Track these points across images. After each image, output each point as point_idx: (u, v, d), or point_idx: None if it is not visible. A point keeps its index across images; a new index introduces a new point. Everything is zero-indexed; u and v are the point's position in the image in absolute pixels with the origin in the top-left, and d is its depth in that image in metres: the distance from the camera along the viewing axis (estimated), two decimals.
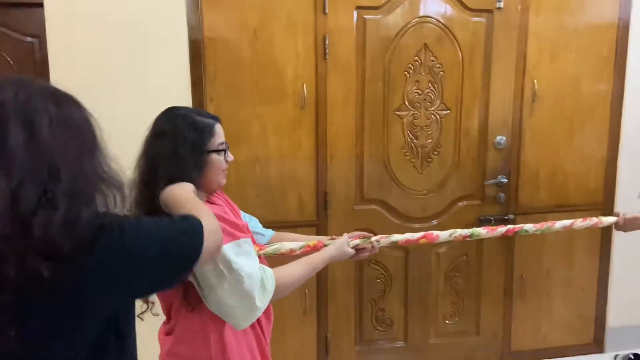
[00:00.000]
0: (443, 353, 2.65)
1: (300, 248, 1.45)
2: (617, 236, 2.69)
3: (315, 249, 1.46)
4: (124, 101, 2.08)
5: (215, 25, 2.21)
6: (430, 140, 2.47)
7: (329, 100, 2.34)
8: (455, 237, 1.66)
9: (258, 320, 1.30)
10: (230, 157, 1.31)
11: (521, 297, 2.68)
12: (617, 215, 1.82)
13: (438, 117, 2.46)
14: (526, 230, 1.73)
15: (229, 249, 1.16)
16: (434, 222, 2.52)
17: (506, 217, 2.57)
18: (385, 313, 2.58)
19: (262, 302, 1.19)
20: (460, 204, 2.56)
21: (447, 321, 2.65)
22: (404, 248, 2.53)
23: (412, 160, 2.48)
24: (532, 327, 2.73)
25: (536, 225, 1.75)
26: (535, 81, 2.49)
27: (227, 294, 1.15)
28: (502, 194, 2.56)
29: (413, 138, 2.46)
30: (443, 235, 1.65)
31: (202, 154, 1.23)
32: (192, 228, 0.98)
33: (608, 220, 1.82)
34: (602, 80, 2.57)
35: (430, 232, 1.65)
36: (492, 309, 2.67)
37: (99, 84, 2.06)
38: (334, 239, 1.51)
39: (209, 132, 1.24)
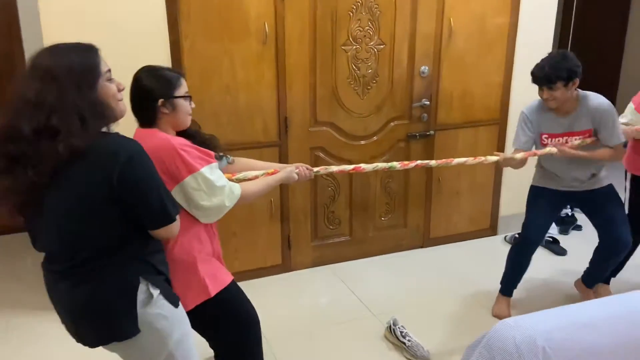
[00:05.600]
0: (379, 243, 3.32)
1: (262, 174, 1.94)
2: (508, 150, 3.44)
3: (272, 175, 1.94)
4: (108, 41, 2.29)
5: None
6: (369, 71, 2.96)
7: (286, 37, 2.71)
8: (377, 169, 2.27)
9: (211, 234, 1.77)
10: (192, 104, 1.74)
11: (438, 196, 3.39)
12: (498, 155, 2.42)
13: (376, 50, 2.94)
14: (431, 165, 2.38)
15: (205, 170, 1.62)
16: (375, 138, 3.08)
17: (428, 133, 3.20)
18: (335, 214, 3.16)
19: (230, 202, 1.67)
20: (392, 123, 3.12)
21: (382, 218, 3.30)
22: (350, 162, 3.07)
23: (355, 88, 2.96)
24: (445, 219, 3.47)
25: (438, 161, 2.40)
26: (451, 19, 3.03)
27: (205, 200, 1.62)
28: (425, 114, 3.16)
29: (356, 69, 2.93)
30: (368, 167, 2.23)
31: (173, 98, 1.66)
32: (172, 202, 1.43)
33: (492, 158, 2.42)
34: (501, 17, 3.17)
35: (359, 165, 2.24)
36: (416, 207, 3.36)
37: (84, 28, 2.27)
38: (285, 167, 2.00)
39: (177, 81, 1.69)
